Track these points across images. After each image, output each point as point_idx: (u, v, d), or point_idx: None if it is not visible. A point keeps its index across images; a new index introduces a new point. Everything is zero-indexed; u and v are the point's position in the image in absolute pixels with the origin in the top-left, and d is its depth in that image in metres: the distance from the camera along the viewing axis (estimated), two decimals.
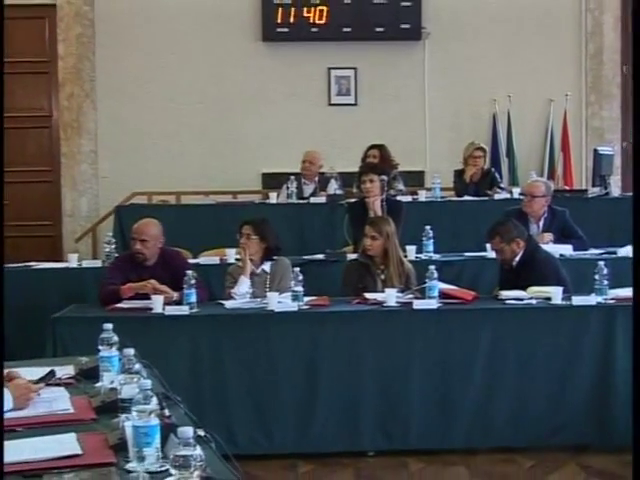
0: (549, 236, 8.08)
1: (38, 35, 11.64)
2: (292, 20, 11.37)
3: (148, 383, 3.11)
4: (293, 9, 11.36)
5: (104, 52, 11.45)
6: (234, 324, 6.37)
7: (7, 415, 3.58)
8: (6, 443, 3.25)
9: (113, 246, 8.20)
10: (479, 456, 6.23)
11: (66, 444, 3.18)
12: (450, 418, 6.26)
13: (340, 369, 6.29)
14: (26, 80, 11.64)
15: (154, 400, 3.01)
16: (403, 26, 11.37)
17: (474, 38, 11.40)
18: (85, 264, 8.45)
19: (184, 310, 6.33)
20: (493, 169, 10.48)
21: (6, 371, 3.99)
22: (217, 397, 6.18)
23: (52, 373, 4.09)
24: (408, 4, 11.33)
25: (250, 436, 6.18)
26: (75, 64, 11.51)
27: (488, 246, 7.43)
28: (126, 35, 11.37)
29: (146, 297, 6.61)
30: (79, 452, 3.10)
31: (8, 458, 3.06)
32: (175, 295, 6.56)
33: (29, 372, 4.03)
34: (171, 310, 6.35)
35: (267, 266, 7.08)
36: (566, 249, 7.87)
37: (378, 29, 11.34)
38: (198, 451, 2.44)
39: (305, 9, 11.36)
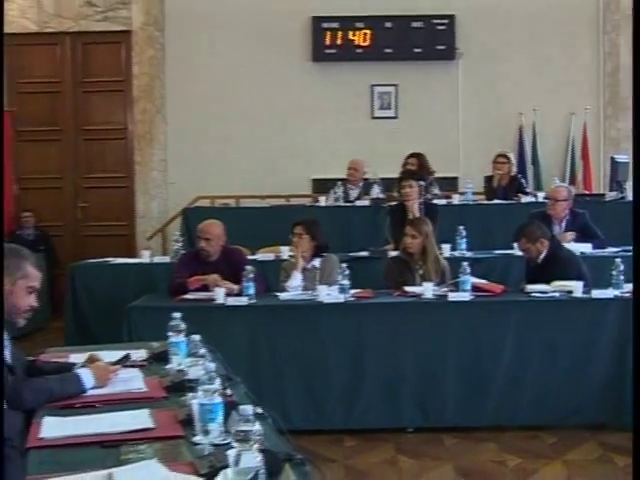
0: (571, 235, 8.03)
1: (115, 58, 11.72)
2: (339, 42, 11.39)
3: (212, 365, 3.13)
4: (340, 32, 11.38)
5: (173, 72, 11.51)
6: (287, 313, 6.38)
7: (89, 392, 3.64)
8: (87, 417, 3.31)
9: (180, 244, 8.27)
10: (507, 433, 6.18)
11: (140, 419, 3.22)
12: (481, 398, 6.24)
13: (382, 354, 6.28)
14: (105, 97, 11.78)
15: (218, 381, 3.03)
16: (439, 47, 11.35)
17: (502, 58, 11.34)
18: (156, 260, 8.52)
19: (243, 301, 6.35)
20: (520, 175, 10.41)
21: (88, 354, 4.05)
22: (273, 378, 6.20)
23: (128, 356, 4.13)
24: (443, 28, 11.31)
25: (302, 413, 6.19)
26: (148, 83, 11.58)
27: (515, 245, 7.40)
28: (192, 57, 11.42)
29: (208, 290, 6.66)
30: (152, 426, 3.13)
31: (89, 430, 3.10)
32: (235, 287, 6.59)
33: (108, 355, 4.07)
34: (232, 301, 6.38)
35: (317, 262, 7.06)
36: (586, 247, 7.82)
37: (416, 50, 11.33)
38: (257, 426, 2.44)
39: (351, 32, 11.38)
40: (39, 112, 11.70)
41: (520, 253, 7.25)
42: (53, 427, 3.18)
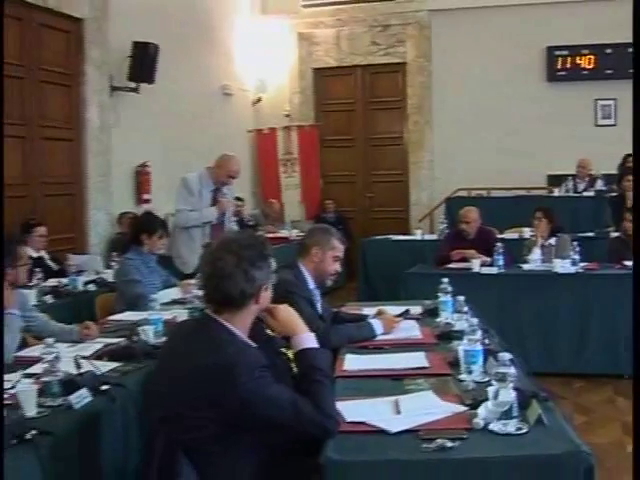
0: None
1: (394, 83, 11.78)
2: (568, 66, 11.06)
3: (475, 320, 3.09)
4: (569, 58, 11.05)
5: (438, 93, 11.45)
6: (529, 281, 6.25)
7: (378, 337, 3.70)
8: (378, 356, 3.38)
9: (444, 225, 8.28)
10: None
11: (417, 359, 3.24)
12: None
13: (605, 314, 6.03)
14: (386, 113, 11.92)
15: (478, 332, 2.99)
16: None
17: None
18: (426, 237, 8.59)
19: (494, 270, 6.29)
20: None
21: (377, 308, 4.11)
22: (517, 331, 6.07)
23: (407, 311, 4.15)
24: None
25: (539, 359, 6.03)
26: (418, 101, 11.59)
27: None
28: (453, 81, 11.31)
29: (467, 261, 6.61)
30: (426, 365, 3.15)
31: (380, 366, 3.16)
32: (488, 260, 6.49)
33: (392, 310, 4.11)
34: (485, 270, 6.33)
35: (553, 240, 6.85)
36: None
37: (632, 70, 10.72)
38: (512, 369, 2.39)
39: (578, 57, 11.02)
40: (338, 125, 12.02)
41: None
42: (353, 362, 3.26)
